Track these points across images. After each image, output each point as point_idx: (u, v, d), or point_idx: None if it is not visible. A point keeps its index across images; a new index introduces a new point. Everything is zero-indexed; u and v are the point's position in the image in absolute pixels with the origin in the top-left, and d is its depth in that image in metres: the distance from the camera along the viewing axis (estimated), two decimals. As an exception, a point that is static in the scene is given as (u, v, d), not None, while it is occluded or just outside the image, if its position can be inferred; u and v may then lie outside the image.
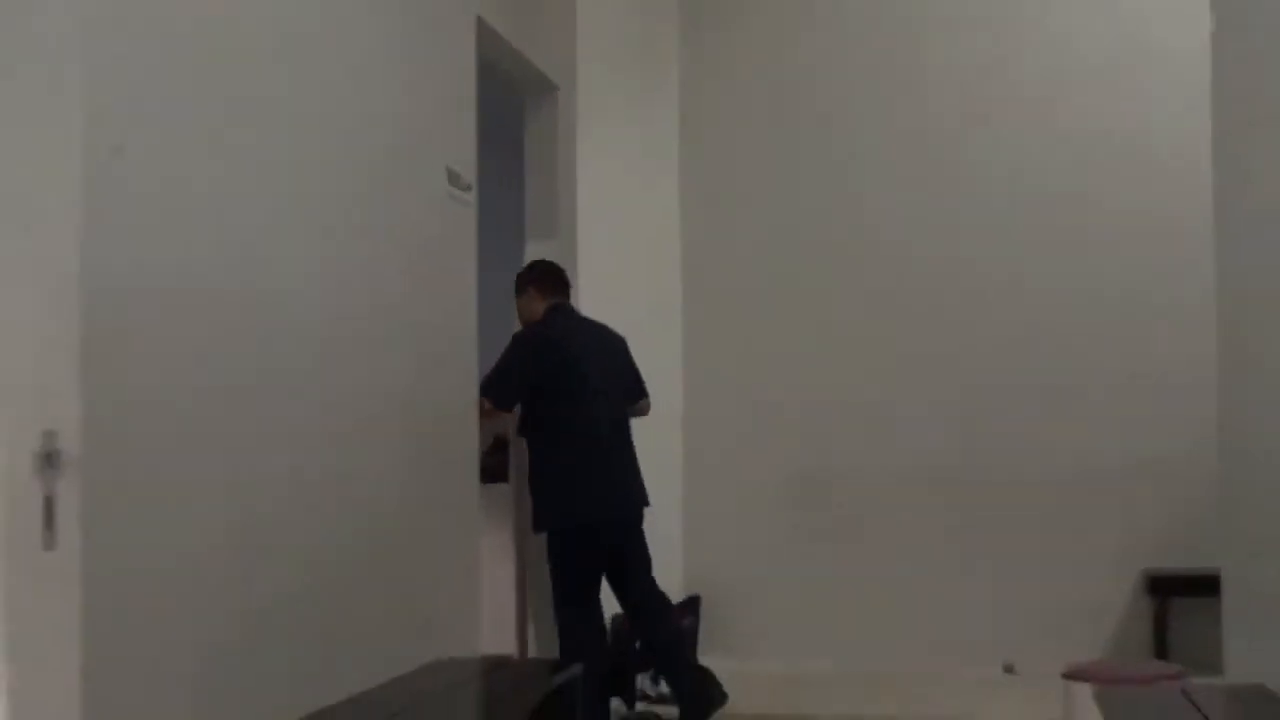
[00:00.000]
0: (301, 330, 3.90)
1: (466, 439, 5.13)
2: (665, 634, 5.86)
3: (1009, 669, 7.36)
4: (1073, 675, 4.99)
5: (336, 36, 4.20)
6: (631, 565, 5.83)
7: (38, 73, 2.96)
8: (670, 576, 7.39)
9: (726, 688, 5.74)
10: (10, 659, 2.91)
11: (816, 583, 7.78)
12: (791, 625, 7.81)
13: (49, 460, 2.94)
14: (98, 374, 2.97)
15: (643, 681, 6.48)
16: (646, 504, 5.90)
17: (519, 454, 5.93)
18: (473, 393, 5.19)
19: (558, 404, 5.60)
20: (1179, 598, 7.16)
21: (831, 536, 7.80)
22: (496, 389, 5.47)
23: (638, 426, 5.98)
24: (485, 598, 5.40)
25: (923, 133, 7.86)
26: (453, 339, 4.99)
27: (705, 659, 6.17)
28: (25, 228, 2.89)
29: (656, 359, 7.48)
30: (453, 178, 4.97)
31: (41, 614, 2.90)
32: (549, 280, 5.82)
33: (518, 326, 5.86)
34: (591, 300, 6.27)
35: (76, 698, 2.90)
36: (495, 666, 4.78)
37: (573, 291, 6.06)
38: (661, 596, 5.91)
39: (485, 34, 5.41)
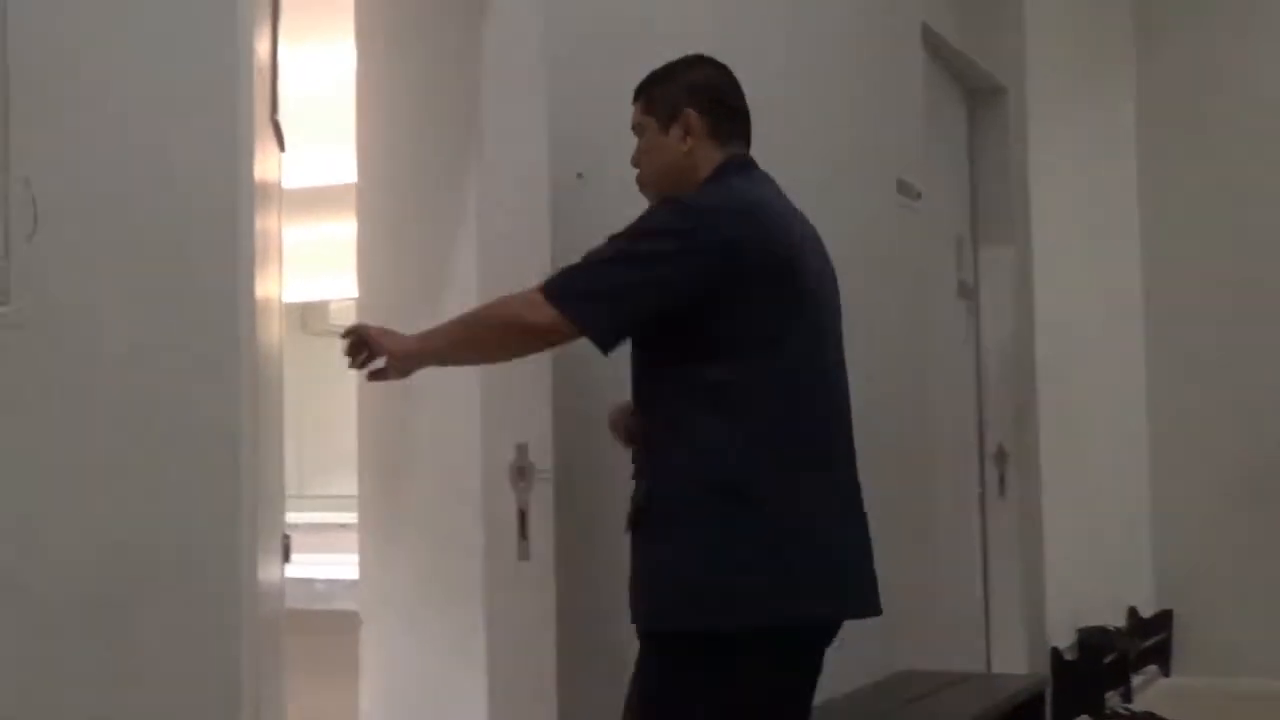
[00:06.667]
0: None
1: (930, 447, 5.07)
2: None
3: None
4: None
5: (787, 52, 4.24)
6: None
7: (511, 104, 3.12)
8: (1138, 589, 7.11)
9: (1205, 708, 5.46)
10: (491, 662, 3.05)
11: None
12: (1275, 640, 7.33)
13: (521, 473, 3.08)
14: (565, 390, 3.08)
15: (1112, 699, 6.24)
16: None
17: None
18: (926, 400, 5.10)
19: (763, 349, 2.69)
20: None
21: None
22: (594, 301, 2.64)
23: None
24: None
25: None
26: (904, 347, 4.95)
27: (1179, 679, 5.87)
28: (496, 247, 3.04)
29: (1116, 359, 7.23)
30: (903, 187, 4.94)
31: (519, 621, 3.04)
32: (730, 108, 2.93)
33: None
34: (1051, 303, 6.12)
35: (553, 700, 3.01)
36: (959, 681, 4.72)
37: (1031, 294, 5.89)
38: None
39: (930, 39, 5.36)
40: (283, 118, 2.71)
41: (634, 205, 3.34)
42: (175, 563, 2.13)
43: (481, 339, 2.75)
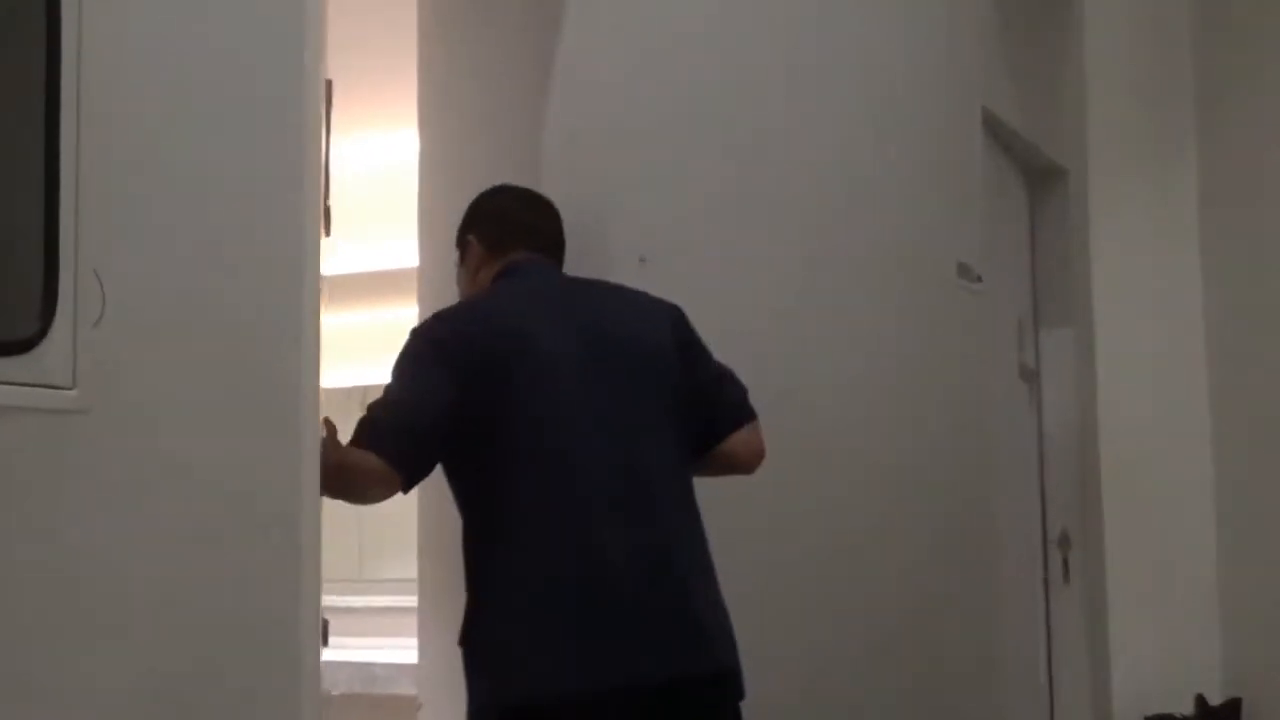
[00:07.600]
0: (812, 428, 3.93)
1: (987, 531, 5.02)
2: None
3: None
4: None
5: (844, 137, 4.25)
6: None
7: (572, 189, 3.14)
8: (1205, 676, 6.98)
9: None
10: None
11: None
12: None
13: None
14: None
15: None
16: (732, 650, 2.84)
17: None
18: (987, 485, 5.05)
19: (510, 454, 2.74)
20: None
21: None
22: (391, 437, 2.68)
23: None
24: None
25: None
26: (965, 431, 4.91)
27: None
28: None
29: (1182, 441, 7.13)
30: (963, 270, 4.92)
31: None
32: (508, 222, 3.06)
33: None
34: (1114, 385, 6.06)
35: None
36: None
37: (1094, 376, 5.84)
38: None
39: (991, 122, 5.36)
40: (335, 203, 2.75)
41: (696, 290, 3.37)
42: (234, 648, 2.13)
43: (331, 486, 2.51)
